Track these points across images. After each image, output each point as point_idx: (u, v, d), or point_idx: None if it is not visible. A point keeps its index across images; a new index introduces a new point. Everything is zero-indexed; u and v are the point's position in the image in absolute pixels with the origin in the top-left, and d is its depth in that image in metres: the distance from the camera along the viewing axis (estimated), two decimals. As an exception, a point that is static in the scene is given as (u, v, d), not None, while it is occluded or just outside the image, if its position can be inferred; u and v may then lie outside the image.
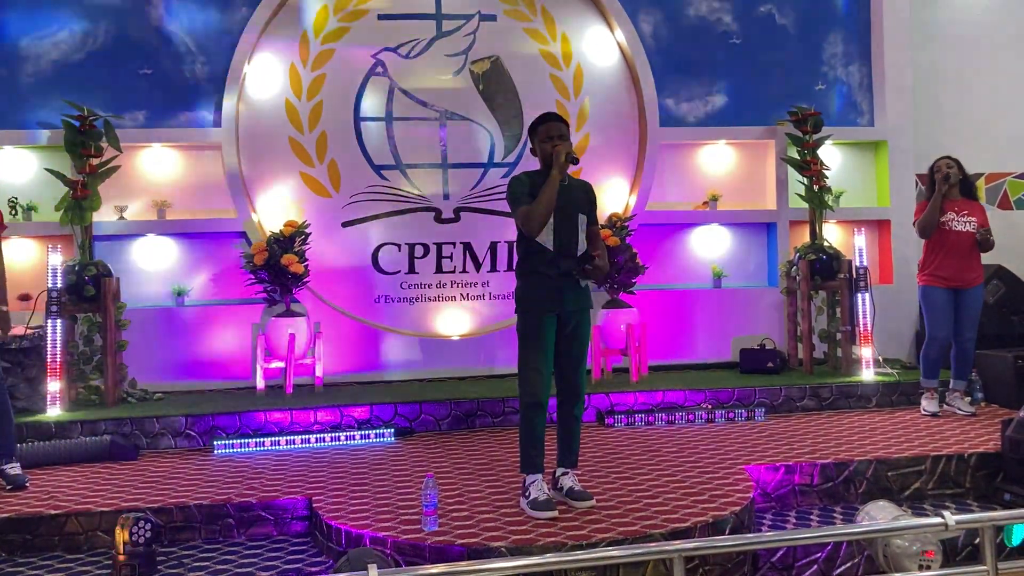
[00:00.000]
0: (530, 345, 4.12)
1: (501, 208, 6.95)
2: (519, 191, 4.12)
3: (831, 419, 6.01)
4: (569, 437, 4.22)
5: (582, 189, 4.29)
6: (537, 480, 4.09)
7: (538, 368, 4.09)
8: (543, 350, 4.10)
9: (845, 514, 4.61)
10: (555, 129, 4.14)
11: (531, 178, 4.17)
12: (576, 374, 4.20)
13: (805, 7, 7.83)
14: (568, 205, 4.12)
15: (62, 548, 4.28)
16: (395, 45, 7.32)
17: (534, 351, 4.10)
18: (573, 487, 4.17)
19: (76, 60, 6.93)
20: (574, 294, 4.16)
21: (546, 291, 4.11)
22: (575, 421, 4.22)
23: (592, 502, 4.13)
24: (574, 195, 4.19)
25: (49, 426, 5.65)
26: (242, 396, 6.51)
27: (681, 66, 7.63)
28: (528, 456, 4.11)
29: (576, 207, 4.16)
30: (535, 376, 4.08)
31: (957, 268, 5.80)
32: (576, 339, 4.19)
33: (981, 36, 8.41)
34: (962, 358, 5.93)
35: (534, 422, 4.10)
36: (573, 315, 4.16)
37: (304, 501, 4.47)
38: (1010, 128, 8.38)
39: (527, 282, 4.18)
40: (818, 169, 7.28)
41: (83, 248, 6.51)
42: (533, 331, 4.12)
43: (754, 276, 7.81)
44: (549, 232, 4.09)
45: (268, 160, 7.15)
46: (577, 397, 4.21)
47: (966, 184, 5.94)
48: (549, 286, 4.11)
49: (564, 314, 4.14)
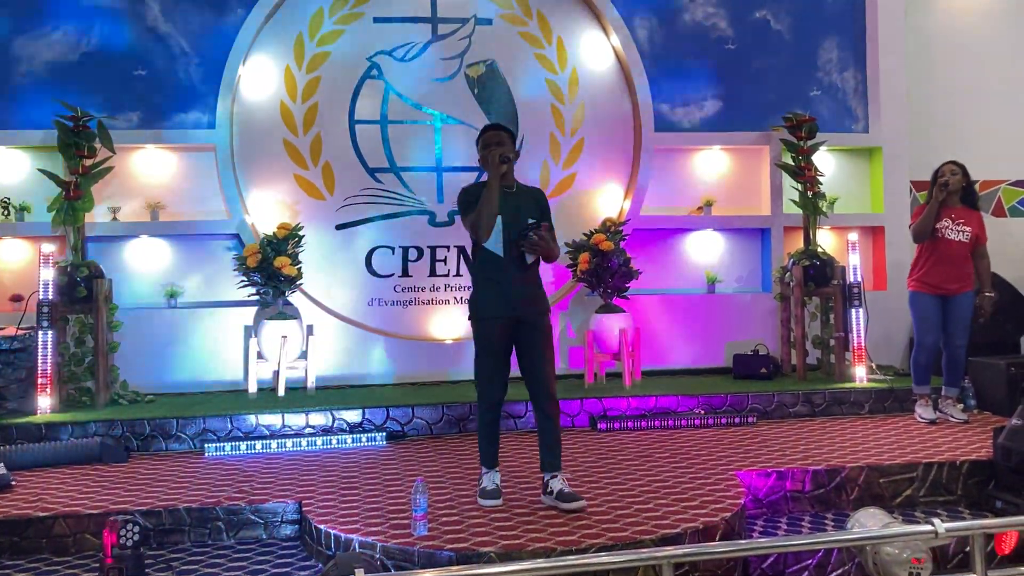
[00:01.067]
0: (483, 351, 4.25)
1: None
2: (467, 200, 4.29)
3: (824, 425, 6.00)
4: (547, 439, 4.21)
5: (531, 196, 4.41)
6: (489, 472, 4.31)
7: (490, 375, 4.24)
8: (496, 356, 4.22)
9: (836, 521, 4.60)
10: (493, 138, 4.31)
11: (480, 188, 4.30)
12: (543, 376, 4.21)
13: (800, 13, 7.85)
14: (516, 211, 4.24)
15: (50, 551, 4.25)
16: (390, 48, 7.32)
17: (487, 357, 4.24)
18: (562, 489, 4.16)
19: (70, 60, 6.91)
20: (527, 299, 4.25)
21: (499, 298, 4.21)
22: (550, 422, 4.22)
23: (582, 503, 4.11)
24: (522, 201, 4.32)
25: (39, 427, 5.62)
26: (234, 399, 6.49)
27: (676, 71, 7.64)
28: (484, 452, 4.32)
29: (525, 213, 4.26)
30: (488, 382, 4.25)
31: (945, 276, 5.78)
32: (536, 342, 4.21)
33: (976, 43, 8.43)
34: (953, 365, 5.92)
35: (488, 423, 4.30)
36: (528, 319, 4.22)
37: (294, 504, 4.45)
38: (1005, 135, 8.39)
39: (480, 290, 4.30)
40: (812, 175, 7.29)
41: (75, 249, 6.49)
42: (486, 338, 4.23)
43: (748, 282, 7.81)
44: (499, 238, 4.20)
45: (262, 162, 7.14)
46: (548, 398, 4.21)
47: (968, 192, 5.91)
48: (501, 293, 4.21)
49: (518, 319, 4.21)
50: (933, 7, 8.41)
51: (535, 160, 7.44)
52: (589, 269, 6.89)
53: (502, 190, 4.22)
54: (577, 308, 7.33)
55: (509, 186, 4.30)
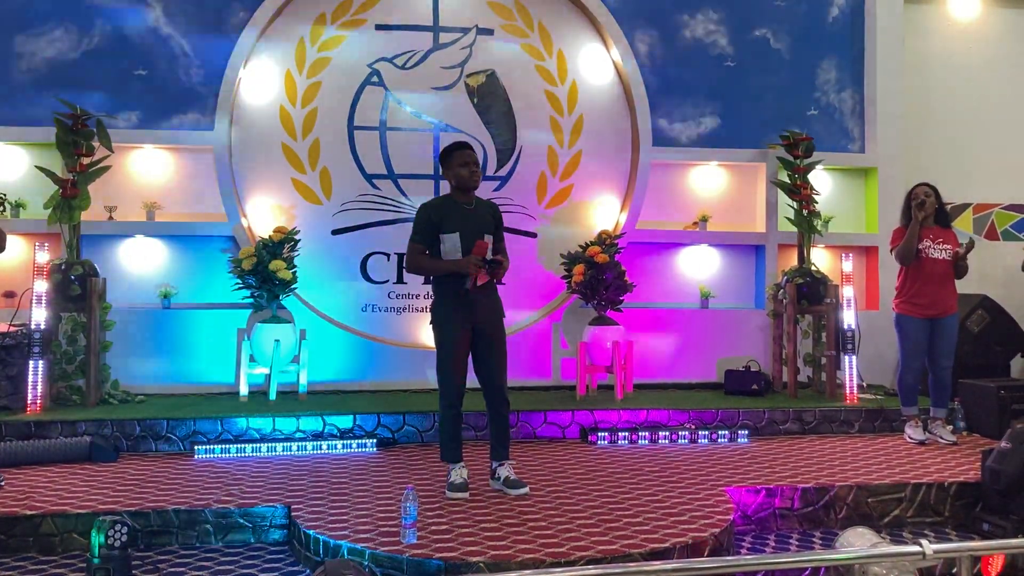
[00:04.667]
0: (444, 356, 4.55)
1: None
2: (422, 224, 4.62)
3: (813, 443, 6.02)
4: (500, 433, 4.64)
5: (488, 211, 4.68)
6: (456, 467, 4.59)
7: (451, 377, 4.53)
8: (455, 360, 4.52)
9: (824, 539, 4.61)
10: (470, 156, 4.59)
11: (440, 209, 4.57)
12: (498, 378, 4.58)
13: (799, 32, 7.90)
14: (474, 227, 4.53)
15: (36, 549, 4.23)
16: (391, 55, 7.34)
17: (448, 362, 4.53)
18: (509, 476, 4.61)
19: (71, 59, 6.92)
20: (485, 307, 4.55)
21: (458, 307, 4.52)
22: (503, 419, 4.64)
23: (526, 490, 4.54)
24: (480, 216, 4.58)
25: (28, 425, 5.60)
26: (225, 401, 6.48)
27: (675, 87, 7.68)
28: (447, 448, 4.61)
29: (482, 228, 4.56)
30: (449, 383, 4.53)
31: (933, 296, 5.82)
32: (492, 348, 4.58)
33: (972, 67, 8.50)
34: (940, 386, 5.95)
35: (451, 422, 4.58)
36: (486, 326, 4.56)
37: (283, 509, 4.44)
38: (999, 159, 8.46)
39: (440, 298, 4.61)
40: (808, 194, 7.32)
41: (71, 247, 6.47)
42: (447, 344, 4.54)
43: (741, 298, 7.84)
44: (458, 253, 4.50)
45: (260, 165, 7.15)
46: (502, 399, 4.61)
47: (941, 212, 5.97)
48: (461, 302, 4.50)
49: (477, 326, 4.54)
50: (931, 30, 8.48)
51: (532, 171, 7.47)
52: (584, 281, 6.90)
53: (462, 208, 4.55)
54: (571, 319, 7.35)
55: (469, 203, 4.59)
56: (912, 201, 5.85)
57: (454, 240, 4.51)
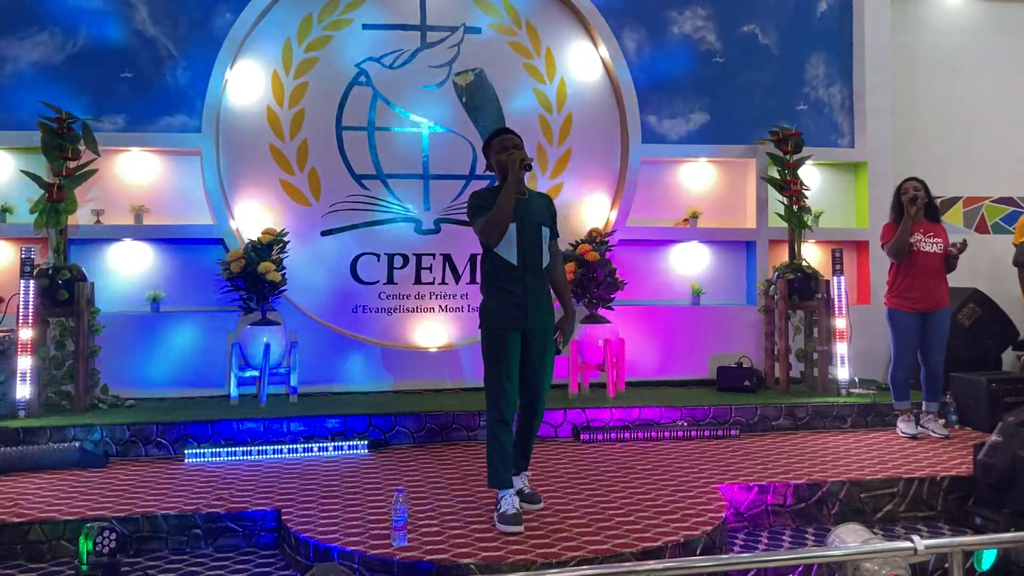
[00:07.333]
0: (495, 363, 4.10)
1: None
2: (480, 203, 4.14)
3: (806, 439, 6.01)
4: (524, 446, 4.33)
5: (542, 202, 4.32)
6: (507, 495, 4.07)
7: (503, 386, 4.07)
8: (508, 367, 4.08)
9: (817, 535, 4.60)
10: (511, 140, 4.18)
11: (492, 193, 4.17)
12: (539, 392, 4.23)
13: (788, 28, 7.89)
14: (529, 217, 4.15)
15: (25, 557, 4.19)
16: (379, 55, 7.31)
17: (499, 369, 4.08)
18: (523, 489, 4.32)
19: (56, 62, 6.87)
20: (540, 312, 4.16)
21: (512, 308, 4.10)
22: (532, 432, 4.33)
23: (540, 505, 4.30)
24: (535, 207, 4.22)
25: (17, 431, 5.56)
26: (215, 405, 6.45)
27: (664, 83, 7.66)
28: (496, 472, 4.09)
29: (538, 219, 4.19)
30: (501, 394, 4.08)
31: (925, 290, 5.82)
32: (543, 358, 4.20)
33: (961, 61, 8.52)
34: (932, 380, 5.95)
35: (501, 439, 4.08)
36: (539, 333, 4.16)
37: (273, 513, 4.42)
38: (989, 153, 8.48)
39: (493, 299, 4.16)
40: (798, 189, 7.32)
41: (58, 251, 6.43)
42: (499, 349, 4.09)
43: (732, 294, 7.83)
44: (512, 245, 4.10)
45: (248, 167, 7.11)
46: (536, 415, 4.29)
47: (931, 206, 5.97)
48: (515, 303, 4.10)
49: (529, 332, 4.14)
50: (919, 25, 8.49)
51: (522, 169, 7.44)
52: (574, 279, 6.88)
53: (516, 196, 4.09)
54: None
55: (522, 193, 4.18)
56: (903, 196, 5.85)
57: (510, 231, 4.10)
